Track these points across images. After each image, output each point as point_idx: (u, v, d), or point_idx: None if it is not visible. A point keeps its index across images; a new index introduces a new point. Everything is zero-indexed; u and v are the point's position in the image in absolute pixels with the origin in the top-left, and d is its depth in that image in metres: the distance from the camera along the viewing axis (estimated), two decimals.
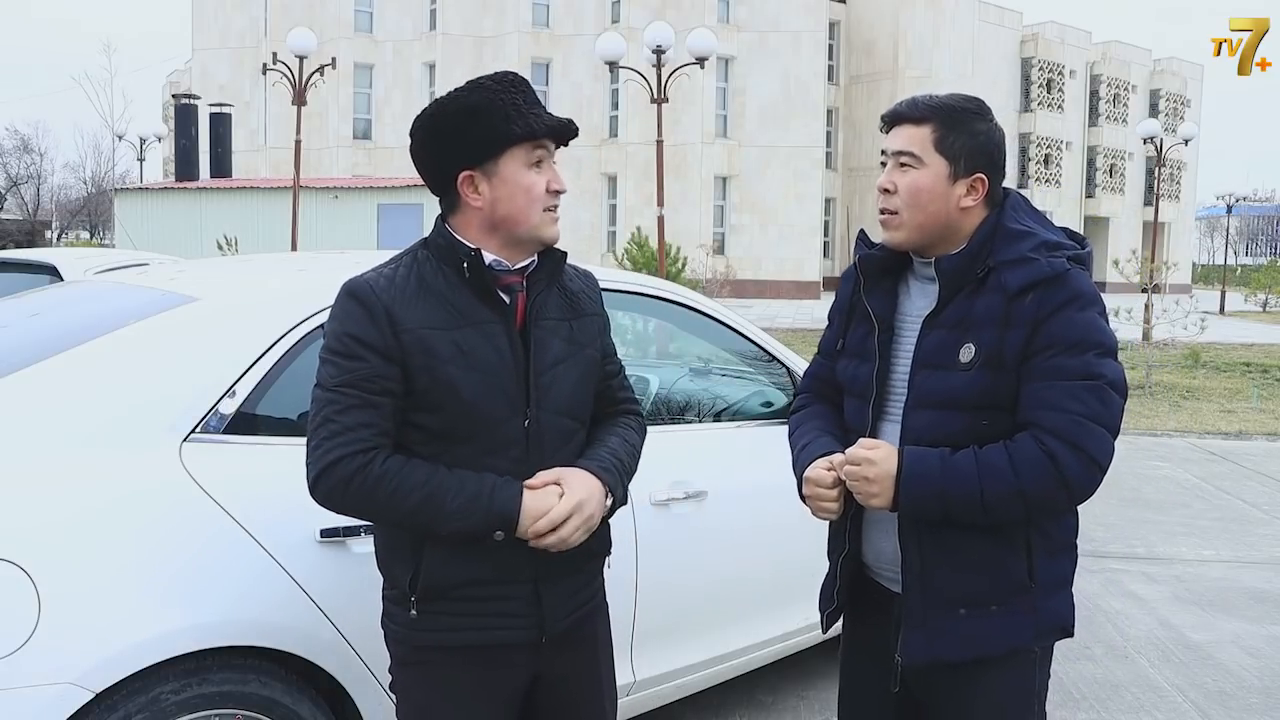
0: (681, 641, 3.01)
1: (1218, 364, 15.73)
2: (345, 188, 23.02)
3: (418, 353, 1.74)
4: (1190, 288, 42.36)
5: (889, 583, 1.97)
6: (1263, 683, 4.00)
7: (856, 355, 1.99)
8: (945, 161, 1.85)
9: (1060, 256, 1.81)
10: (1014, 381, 1.79)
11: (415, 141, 1.84)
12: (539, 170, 1.82)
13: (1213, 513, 6.80)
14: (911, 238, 1.89)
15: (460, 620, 1.80)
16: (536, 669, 1.88)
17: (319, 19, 33.51)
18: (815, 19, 34.59)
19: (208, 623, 2.06)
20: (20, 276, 5.46)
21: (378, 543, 1.89)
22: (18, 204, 47.71)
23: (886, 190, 1.89)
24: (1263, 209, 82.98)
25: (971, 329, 1.81)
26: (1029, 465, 1.74)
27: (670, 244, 17.83)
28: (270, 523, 2.16)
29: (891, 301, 1.96)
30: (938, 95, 1.91)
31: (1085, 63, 44.10)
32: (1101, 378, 1.76)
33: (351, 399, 1.72)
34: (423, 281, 1.79)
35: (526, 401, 1.81)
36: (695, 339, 3.74)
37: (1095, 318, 1.80)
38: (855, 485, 1.82)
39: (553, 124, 1.81)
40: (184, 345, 2.32)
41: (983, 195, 1.87)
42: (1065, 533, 1.92)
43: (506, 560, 1.79)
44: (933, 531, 1.84)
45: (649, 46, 13.96)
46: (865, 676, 2.06)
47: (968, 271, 1.84)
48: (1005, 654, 1.87)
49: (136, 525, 2.04)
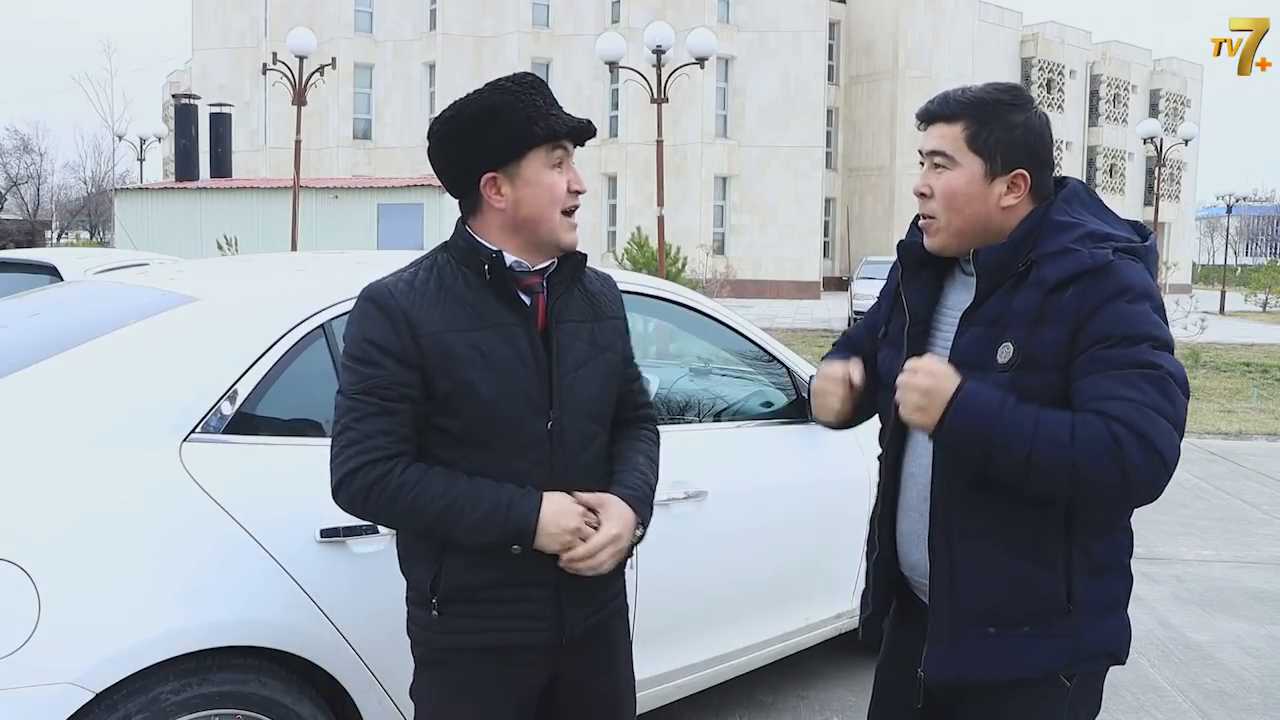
0: (681, 641, 3.01)
1: (1218, 364, 15.72)
2: (345, 188, 23.00)
3: (437, 356, 1.73)
4: (1190, 288, 42.38)
5: (924, 594, 1.86)
6: (1263, 683, 4.00)
7: (894, 346, 1.88)
8: (980, 160, 1.73)
9: (1106, 247, 1.66)
10: (1054, 382, 1.64)
11: (434, 144, 1.83)
12: (560, 171, 1.82)
13: (1213, 513, 6.80)
14: (951, 242, 1.78)
15: (481, 622, 1.80)
16: (555, 669, 1.88)
17: (319, 19, 33.51)
18: (815, 19, 34.59)
19: (208, 623, 2.06)
20: (20, 276, 5.46)
21: (400, 544, 1.89)
22: (18, 204, 47.70)
23: (923, 194, 1.78)
24: (1263, 209, 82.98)
25: (1009, 327, 1.68)
26: (1090, 439, 1.55)
27: (670, 244, 17.83)
28: (270, 523, 2.16)
29: (933, 295, 1.86)
30: (972, 88, 1.78)
31: (1085, 63, 44.11)
32: (1160, 368, 1.60)
33: (370, 406, 1.72)
34: (443, 284, 1.78)
35: (549, 404, 1.80)
36: (695, 339, 3.74)
37: (1148, 311, 1.64)
38: (905, 395, 1.66)
39: (573, 125, 1.81)
40: (184, 345, 2.31)
41: (1025, 191, 1.74)
42: (1114, 552, 1.77)
43: (527, 562, 1.79)
44: (962, 543, 1.74)
45: (649, 46, 13.96)
46: (898, 687, 1.94)
47: (1007, 265, 1.71)
48: (1038, 678, 1.74)
49: (136, 525, 2.04)
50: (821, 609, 3.45)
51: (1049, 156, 1.77)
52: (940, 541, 1.76)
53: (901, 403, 1.68)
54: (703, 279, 21.92)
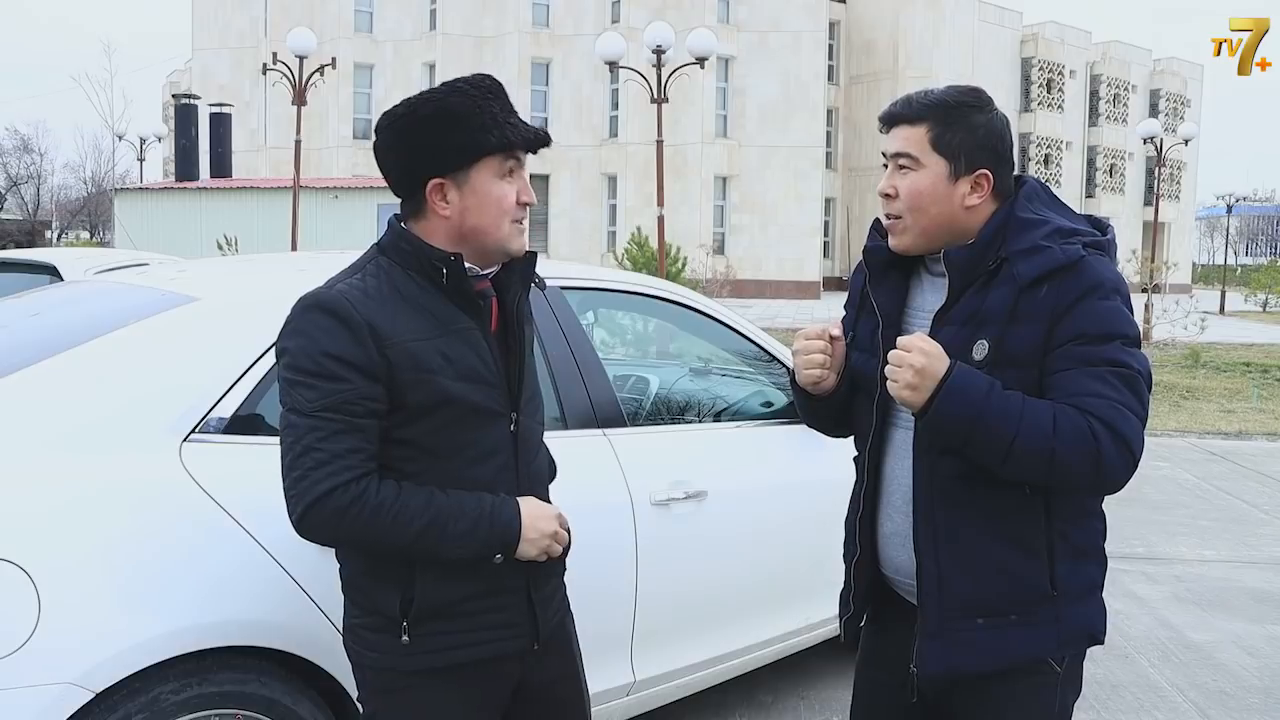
0: (681, 641, 3.01)
1: (1218, 364, 15.71)
2: (345, 188, 23.00)
3: (407, 367, 1.66)
4: (1190, 288, 42.35)
5: (908, 594, 1.88)
6: (1263, 683, 4.00)
7: (865, 350, 1.91)
8: (944, 160, 1.76)
9: (1075, 243, 1.72)
10: (1030, 378, 1.69)
11: (382, 141, 1.75)
12: (510, 181, 1.74)
13: (1213, 512, 6.80)
14: (918, 242, 1.81)
15: (454, 638, 1.75)
16: (521, 677, 1.86)
17: (319, 19, 33.53)
18: (815, 19, 34.62)
19: (208, 623, 2.06)
20: (20, 276, 5.47)
21: (354, 568, 1.79)
22: (18, 204, 47.71)
23: (888, 195, 1.81)
24: (1263, 209, 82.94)
25: (984, 324, 1.72)
26: (1071, 430, 1.62)
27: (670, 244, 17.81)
28: (270, 523, 2.15)
29: (900, 296, 1.88)
30: (934, 91, 1.82)
31: (1085, 63, 44.12)
32: (1130, 367, 1.67)
33: (336, 424, 1.62)
34: (396, 290, 1.71)
35: (512, 406, 1.79)
36: (695, 339, 3.75)
37: (1119, 306, 1.70)
38: (895, 372, 1.68)
39: (529, 135, 1.74)
40: (184, 345, 2.31)
41: (989, 191, 1.78)
42: (1088, 536, 1.83)
43: (501, 571, 1.76)
44: (949, 539, 1.77)
45: (649, 46, 13.95)
46: (880, 687, 1.98)
47: (978, 264, 1.75)
48: (1027, 665, 1.79)
49: (136, 525, 2.04)
50: (822, 609, 3.45)
51: (1010, 155, 1.82)
52: (926, 538, 1.79)
53: (893, 379, 1.69)
54: (703, 279, 21.90)
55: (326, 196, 22.41)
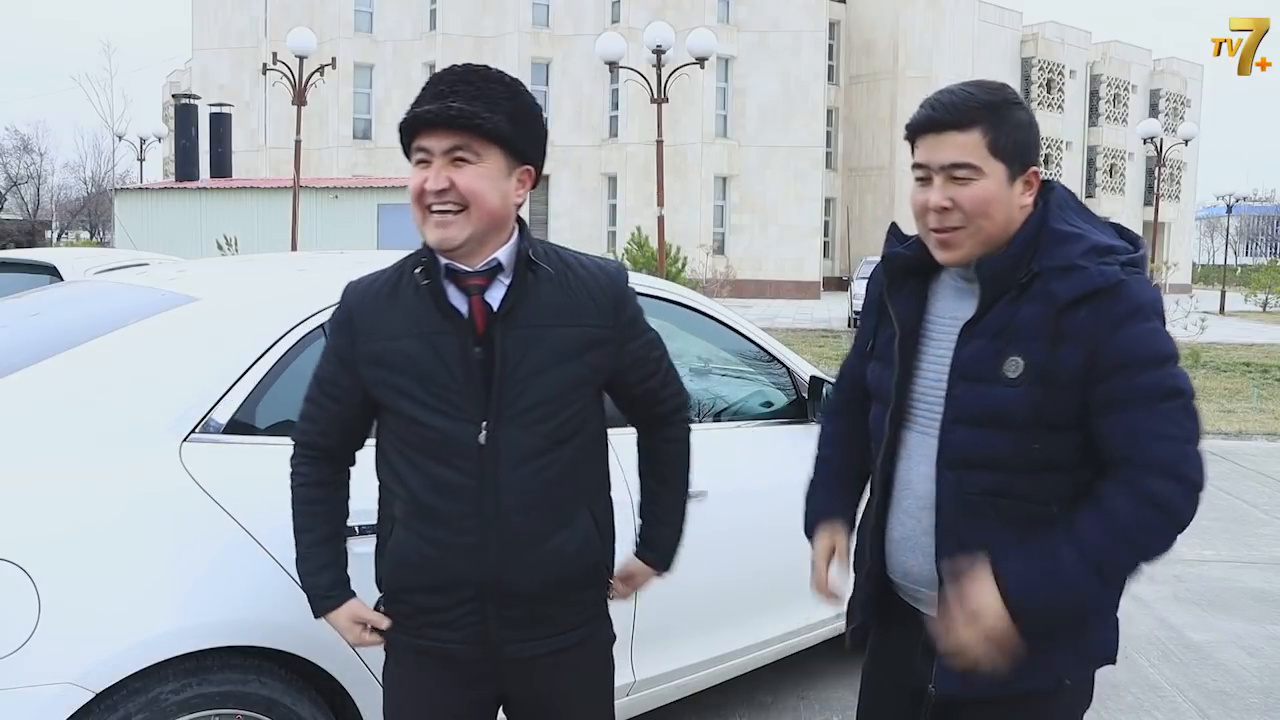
0: (681, 641, 3.01)
1: (1218, 364, 15.71)
2: (345, 188, 23.02)
3: (368, 363, 1.74)
4: (1190, 288, 42.37)
5: (914, 599, 1.85)
6: (1263, 683, 4.00)
7: (882, 360, 1.85)
8: (1002, 165, 1.68)
9: (1113, 263, 1.64)
10: (1068, 400, 1.63)
11: None
12: (422, 168, 1.68)
13: (1213, 513, 6.79)
14: (975, 253, 1.71)
15: (414, 620, 1.81)
16: (501, 689, 1.84)
17: (319, 19, 33.52)
18: (815, 19, 34.60)
19: (208, 623, 2.06)
20: (20, 276, 5.47)
21: None
22: (18, 204, 47.69)
23: (945, 208, 1.69)
24: (1263, 209, 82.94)
25: (1015, 340, 1.65)
26: (1138, 527, 1.60)
27: (670, 244, 17.84)
28: (270, 522, 2.15)
29: (918, 303, 1.80)
30: (969, 92, 1.71)
31: (1085, 63, 44.10)
32: (1184, 394, 1.62)
33: (312, 391, 1.84)
34: (397, 286, 1.74)
35: (484, 414, 1.69)
36: (695, 339, 3.74)
37: (1159, 329, 1.65)
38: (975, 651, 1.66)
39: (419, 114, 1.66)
40: (184, 345, 2.32)
41: (1036, 189, 1.72)
42: None
43: (450, 575, 1.75)
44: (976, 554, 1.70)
45: (649, 46, 13.97)
46: (887, 695, 1.95)
47: (1011, 276, 1.68)
48: (1050, 686, 1.75)
49: (136, 525, 2.04)
50: (822, 609, 3.44)
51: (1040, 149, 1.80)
52: (950, 555, 1.72)
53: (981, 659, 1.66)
54: (703, 279, 21.92)
55: (326, 196, 22.42)
